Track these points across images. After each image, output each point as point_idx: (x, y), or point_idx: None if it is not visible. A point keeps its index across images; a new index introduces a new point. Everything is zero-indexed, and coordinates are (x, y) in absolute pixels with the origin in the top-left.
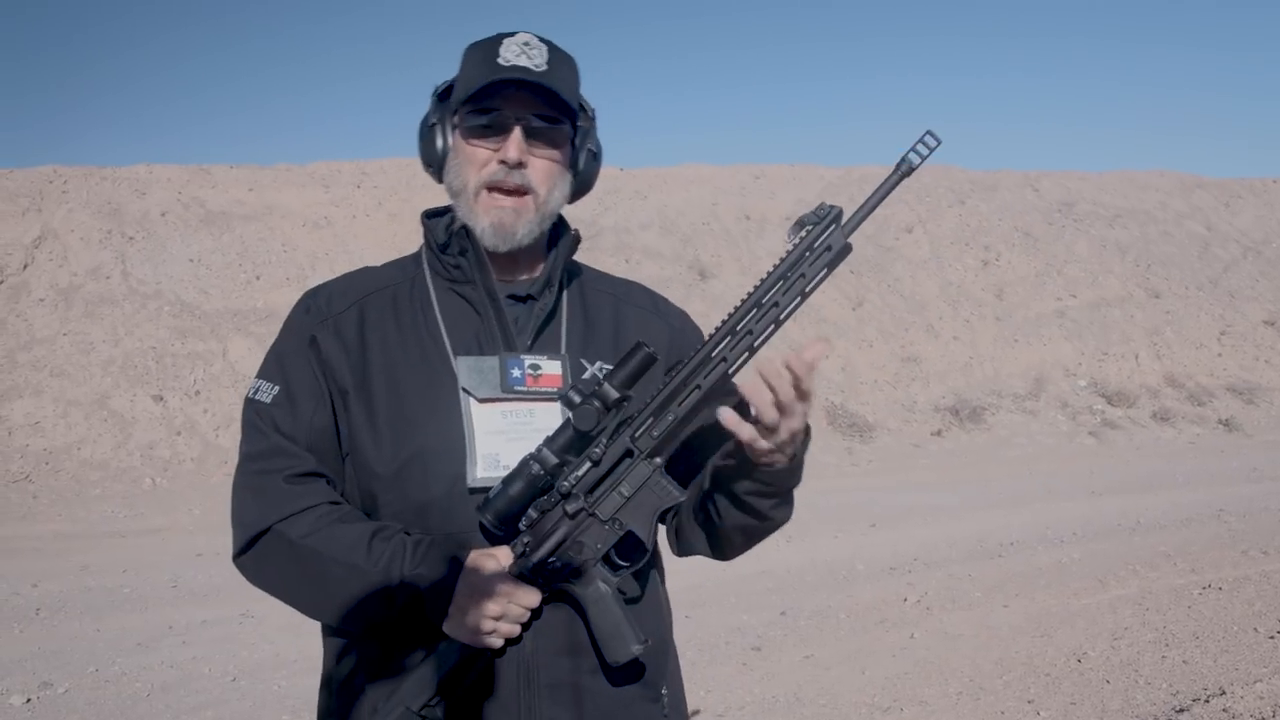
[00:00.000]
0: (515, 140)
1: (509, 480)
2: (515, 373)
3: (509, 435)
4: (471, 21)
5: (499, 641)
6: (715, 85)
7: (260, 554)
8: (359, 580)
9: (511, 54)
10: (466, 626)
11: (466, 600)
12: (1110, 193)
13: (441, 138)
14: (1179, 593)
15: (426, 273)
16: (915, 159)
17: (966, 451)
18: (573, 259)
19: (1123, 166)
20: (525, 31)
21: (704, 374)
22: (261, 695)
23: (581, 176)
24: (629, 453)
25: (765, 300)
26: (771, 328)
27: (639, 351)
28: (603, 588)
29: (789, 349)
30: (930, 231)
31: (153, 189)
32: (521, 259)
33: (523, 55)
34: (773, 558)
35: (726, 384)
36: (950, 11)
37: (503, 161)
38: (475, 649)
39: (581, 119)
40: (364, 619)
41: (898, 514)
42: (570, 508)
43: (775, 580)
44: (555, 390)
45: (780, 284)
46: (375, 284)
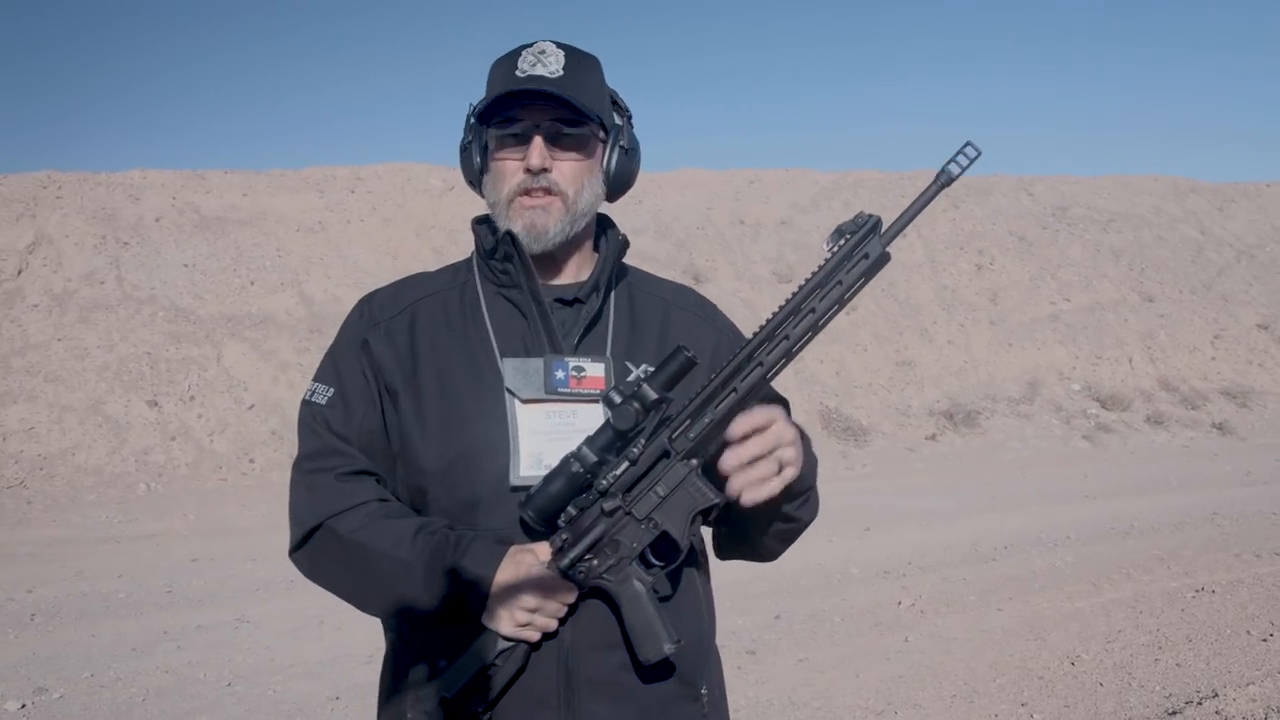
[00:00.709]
0: (536, 147)
1: (550, 478)
2: (559, 374)
3: (552, 435)
4: (468, 27)
5: (536, 635)
6: (709, 90)
7: (313, 548)
8: (403, 573)
9: (527, 64)
10: (505, 619)
11: (505, 594)
12: (1104, 197)
13: (478, 157)
14: (1172, 596)
15: (476, 278)
16: (955, 169)
17: (961, 455)
18: (622, 262)
19: (1117, 170)
20: (545, 40)
21: (741, 377)
22: (256, 700)
23: (616, 174)
24: (666, 453)
25: (803, 306)
26: (809, 334)
27: (679, 355)
28: (637, 586)
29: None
30: (924, 235)
31: (147, 194)
32: (567, 263)
33: (538, 64)
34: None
35: (763, 388)
36: (943, 16)
37: (527, 169)
38: (512, 641)
39: (617, 115)
40: (408, 611)
41: (892, 518)
42: (607, 506)
43: (770, 584)
44: (598, 392)
45: (818, 291)
46: (427, 289)
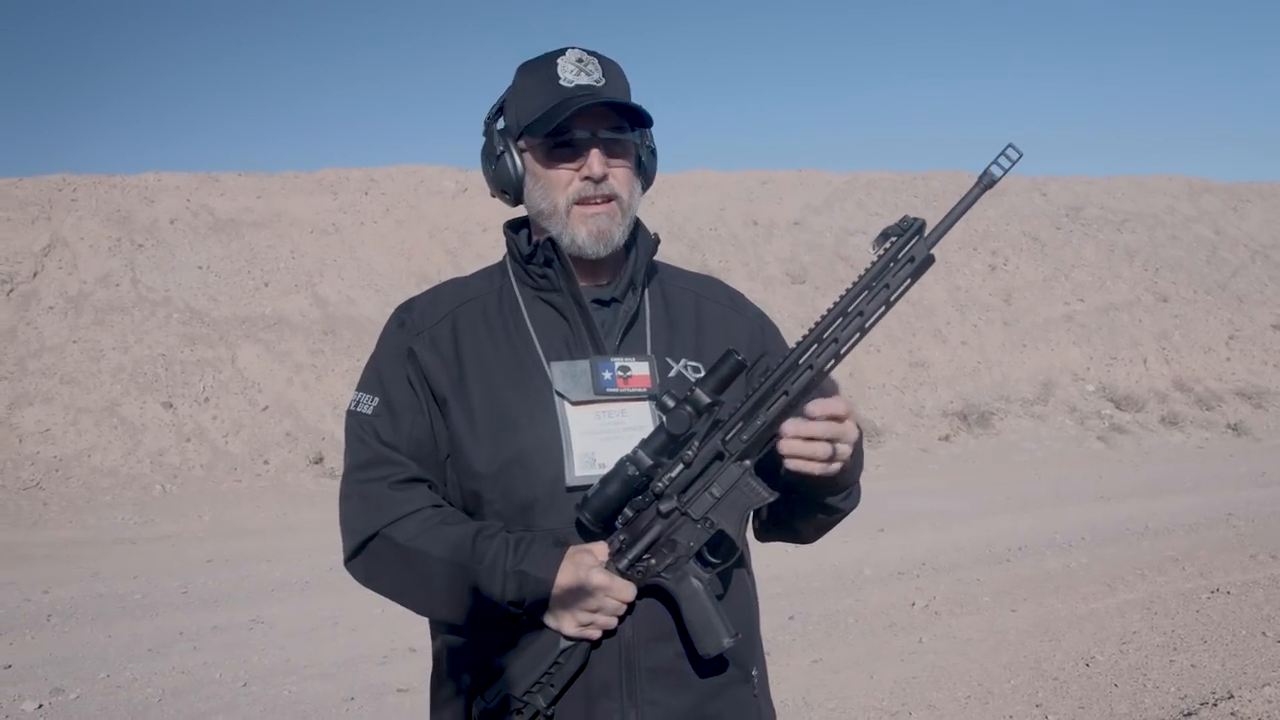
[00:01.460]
0: (597, 158)
1: (606, 480)
2: (606, 375)
3: (603, 435)
4: (481, 28)
5: (597, 633)
6: (722, 92)
7: (370, 557)
8: (465, 578)
9: (570, 73)
10: (567, 620)
11: (566, 594)
12: (1118, 197)
13: (512, 164)
14: (1187, 597)
15: (513, 283)
16: (997, 171)
17: (974, 456)
18: (651, 258)
19: (1130, 171)
20: (573, 47)
21: (792, 380)
22: (272, 700)
23: (646, 174)
24: (720, 455)
25: (851, 309)
26: (857, 335)
27: (729, 359)
28: (695, 584)
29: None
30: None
31: (161, 197)
32: (602, 264)
33: (581, 73)
34: (781, 563)
35: (814, 390)
36: (956, 16)
37: (587, 178)
38: (574, 640)
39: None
40: (470, 614)
41: (906, 519)
42: (664, 507)
43: (784, 585)
44: (645, 390)
45: (865, 293)
46: (464, 295)
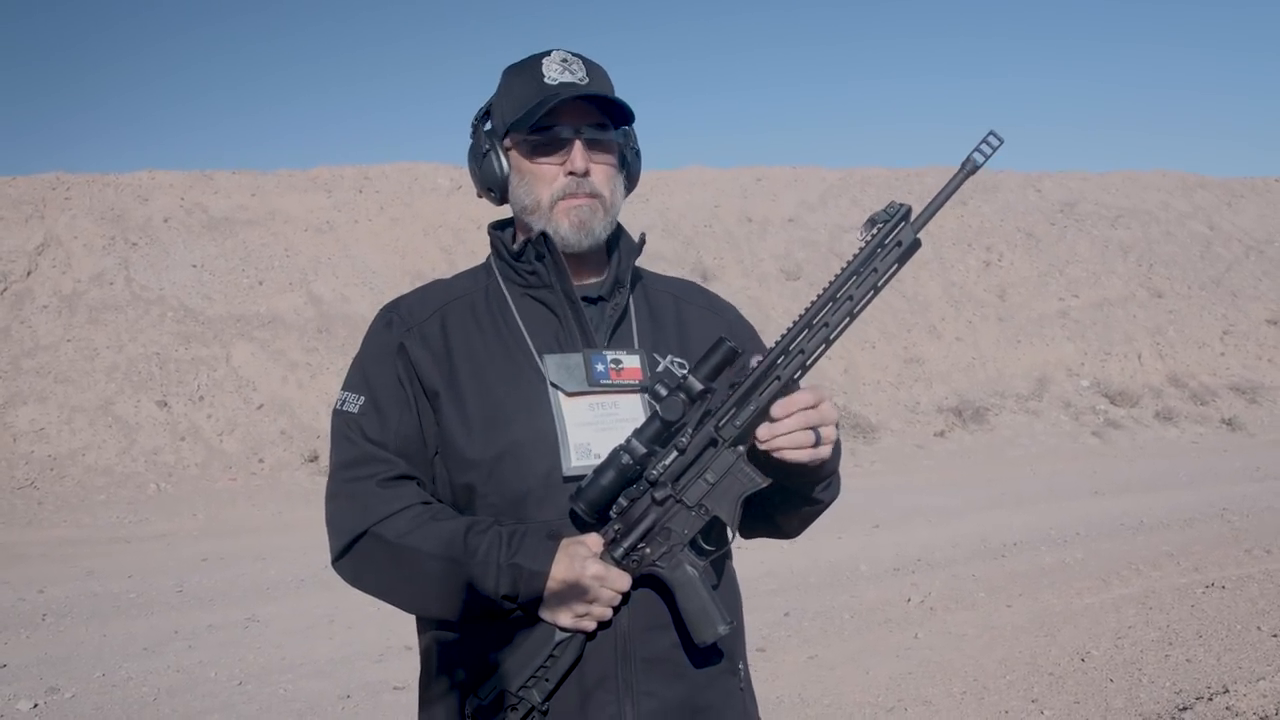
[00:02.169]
0: (580, 152)
1: (600, 470)
2: (599, 367)
3: (597, 426)
4: (473, 27)
5: (593, 625)
6: (716, 88)
7: (359, 556)
8: (458, 573)
9: (554, 72)
10: (563, 612)
11: (561, 587)
12: (1112, 193)
13: (498, 163)
14: (1182, 592)
15: (500, 281)
16: (979, 158)
17: (970, 452)
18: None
19: (1124, 166)
20: (557, 49)
21: (783, 365)
22: (268, 699)
23: (630, 174)
24: (713, 442)
25: (840, 295)
26: (846, 320)
27: (721, 346)
28: (690, 571)
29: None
30: (932, 232)
31: (155, 195)
32: (588, 263)
33: (565, 71)
34: (776, 559)
35: (804, 375)
36: (950, 13)
37: (571, 173)
38: (570, 632)
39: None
40: (464, 610)
41: (901, 515)
42: (658, 495)
43: (779, 581)
44: (636, 382)
45: (854, 279)
46: (451, 294)
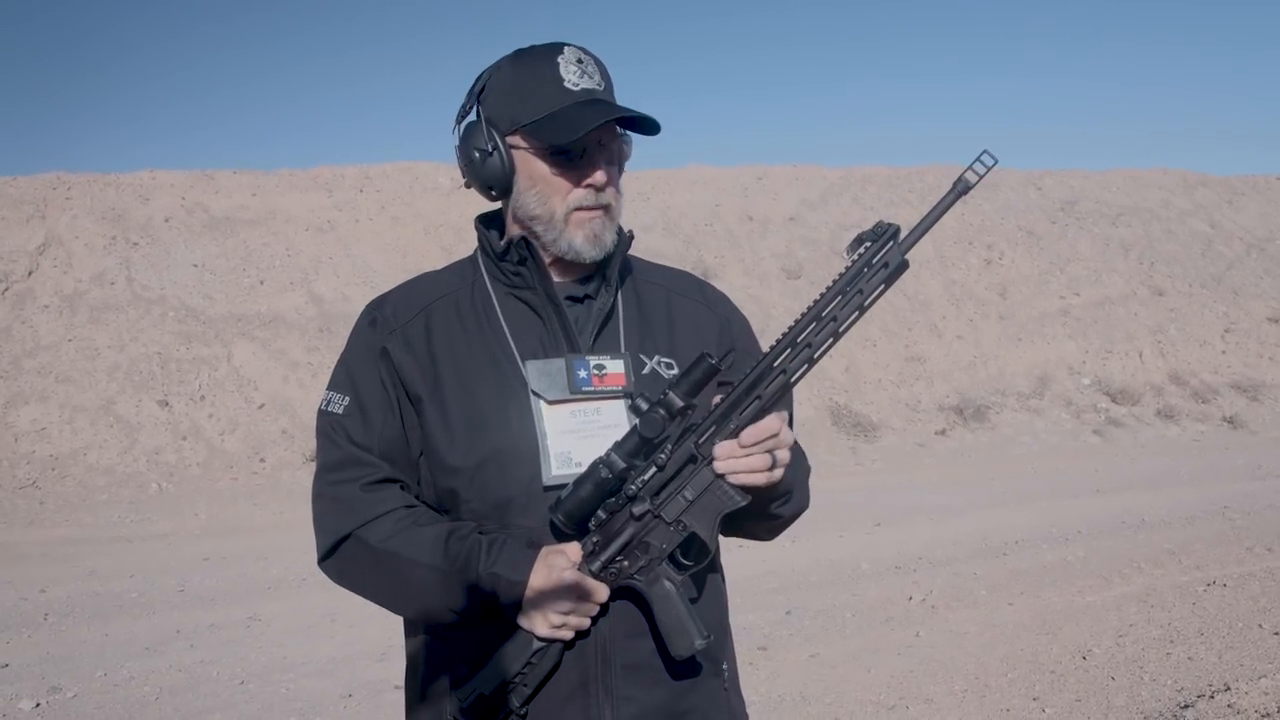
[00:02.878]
0: (606, 171)
1: (579, 482)
2: (581, 374)
3: (579, 433)
4: (474, 26)
5: (570, 634)
6: (717, 87)
7: (343, 558)
8: (438, 579)
9: (573, 75)
10: (540, 621)
11: (540, 595)
12: (1113, 191)
13: (502, 161)
14: (1184, 590)
15: (485, 278)
16: (972, 178)
17: (971, 450)
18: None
19: (1125, 164)
20: (569, 45)
21: (765, 385)
22: (269, 698)
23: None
24: (693, 458)
25: (825, 314)
26: (830, 340)
27: (703, 362)
28: (667, 586)
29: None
30: (933, 231)
31: (156, 195)
32: (573, 261)
33: (584, 76)
34: (777, 558)
35: (786, 394)
36: (951, 11)
37: (589, 186)
38: (547, 641)
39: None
40: (444, 614)
41: (902, 513)
42: (637, 510)
43: (780, 580)
44: (620, 388)
45: (839, 298)
46: (437, 291)
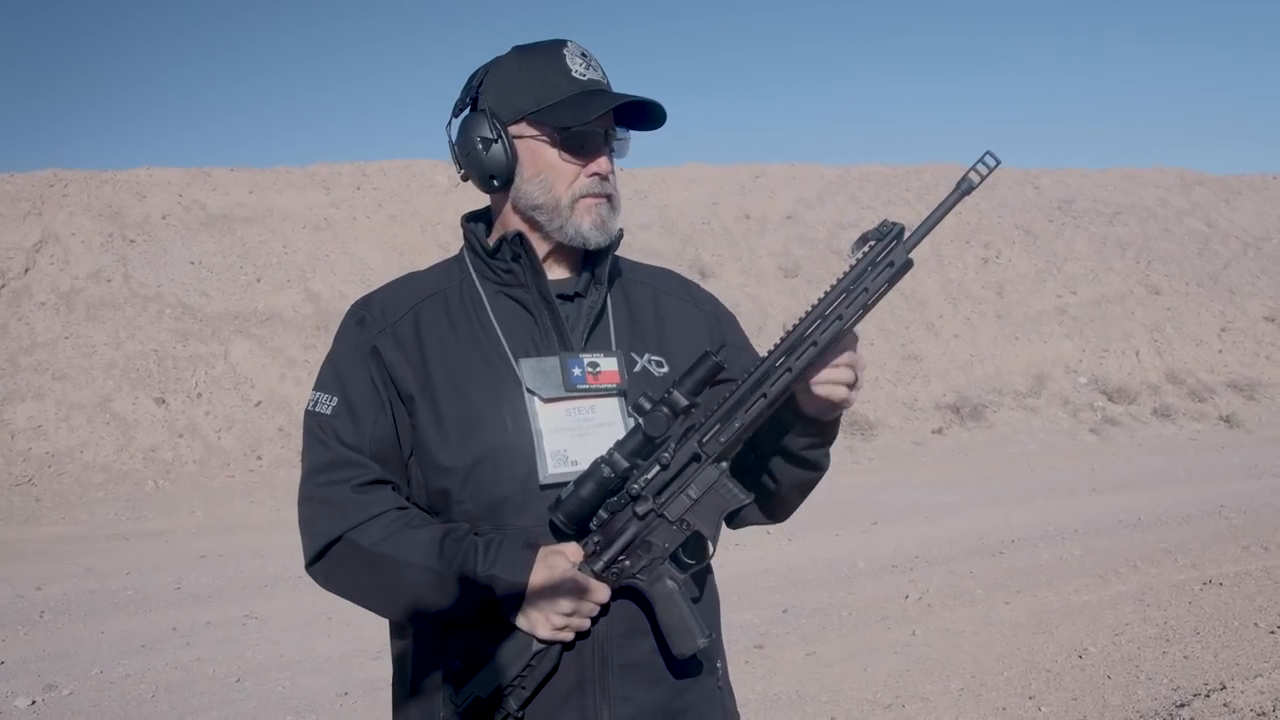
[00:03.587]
0: (610, 157)
1: (580, 482)
2: (576, 371)
3: (575, 431)
4: (471, 24)
5: (570, 636)
6: (714, 85)
7: (333, 561)
8: (433, 582)
9: (580, 67)
10: (541, 623)
11: (540, 597)
12: (1110, 190)
13: (506, 150)
14: (1180, 589)
15: (474, 277)
16: (975, 178)
17: (968, 449)
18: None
19: (1122, 163)
20: (570, 41)
21: (771, 382)
22: (265, 696)
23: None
24: (696, 457)
25: (829, 312)
26: (835, 339)
27: (706, 361)
28: (670, 585)
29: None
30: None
31: (153, 192)
32: (565, 260)
33: (589, 68)
34: (774, 556)
35: (790, 391)
36: (948, 10)
37: (596, 174)
38: (548, 643)
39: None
40: (439, 617)
41: (899, 512)
42: (640, 509)
43: (777, 578)
44: (614, 386)
45: (844, 297)
46: (425, 290)
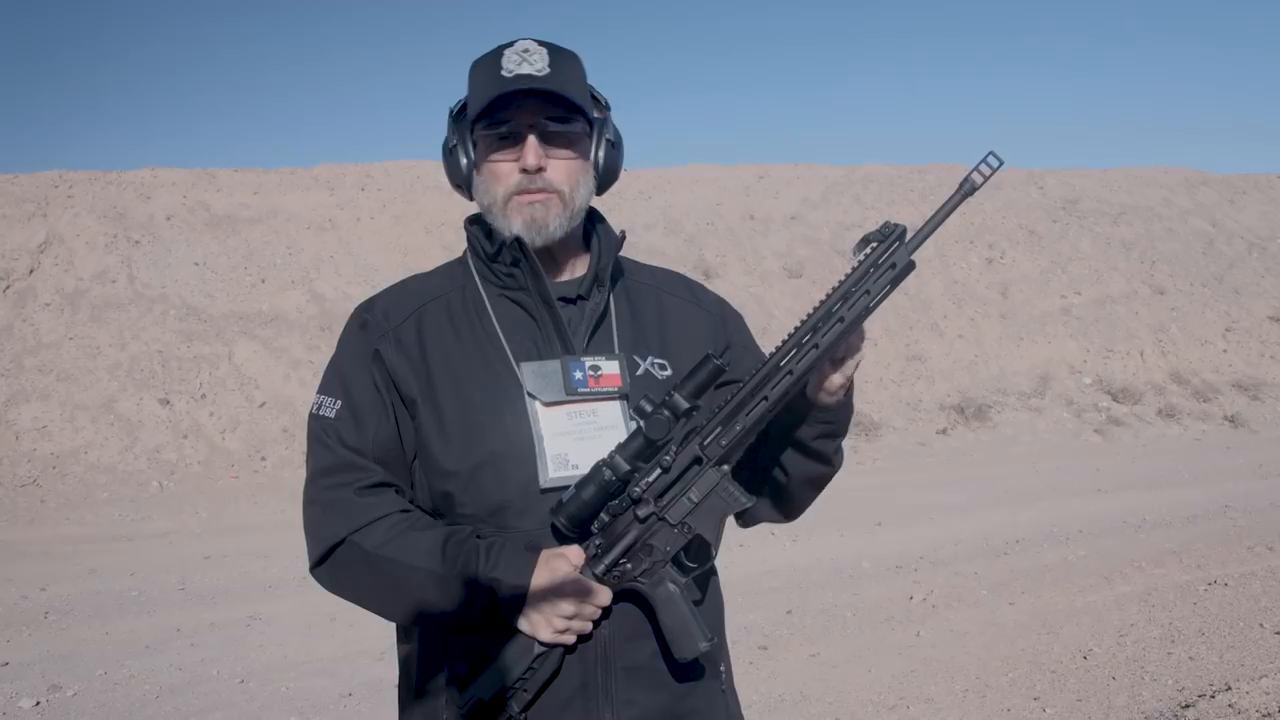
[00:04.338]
0: (531, 147)
1: (582, 485)
2: (577, 375)
3: (576, 435)
4: (475, 23)
5: (572, 639)
6: (718, 85)
7: (337, 564)
8: (436, 585)
9: (512, 64)
10: (542, 626)
11: (542, 601)
12: (1114, 190)
13: (465, 157)
14: (1185, 589)
15: (476, 280)
16: (978, 179)
17: (972, 449)
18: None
19: (1127, 163)
20: (525, 39)
21: (772, 385)
22: (269, 697)
23: (604, 168)
24: (698, 460)
25: (832, 314)
26: (837, 341)
27: (708, 364)
28: (671, 588)
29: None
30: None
31: (157, 193)
32: (565, 260)
33: (524, 63)
34: (779, 557)
35: (793, 394)
36: (952, 10)
37: (524, 170)
38: (549, 646)
39: (596, 110)
40: (442, 620)
41: (903, 512)
42: (641, 512)
43: (781, 579)
44: (616, 389)
45: (846, 299)
46: (428, 293)
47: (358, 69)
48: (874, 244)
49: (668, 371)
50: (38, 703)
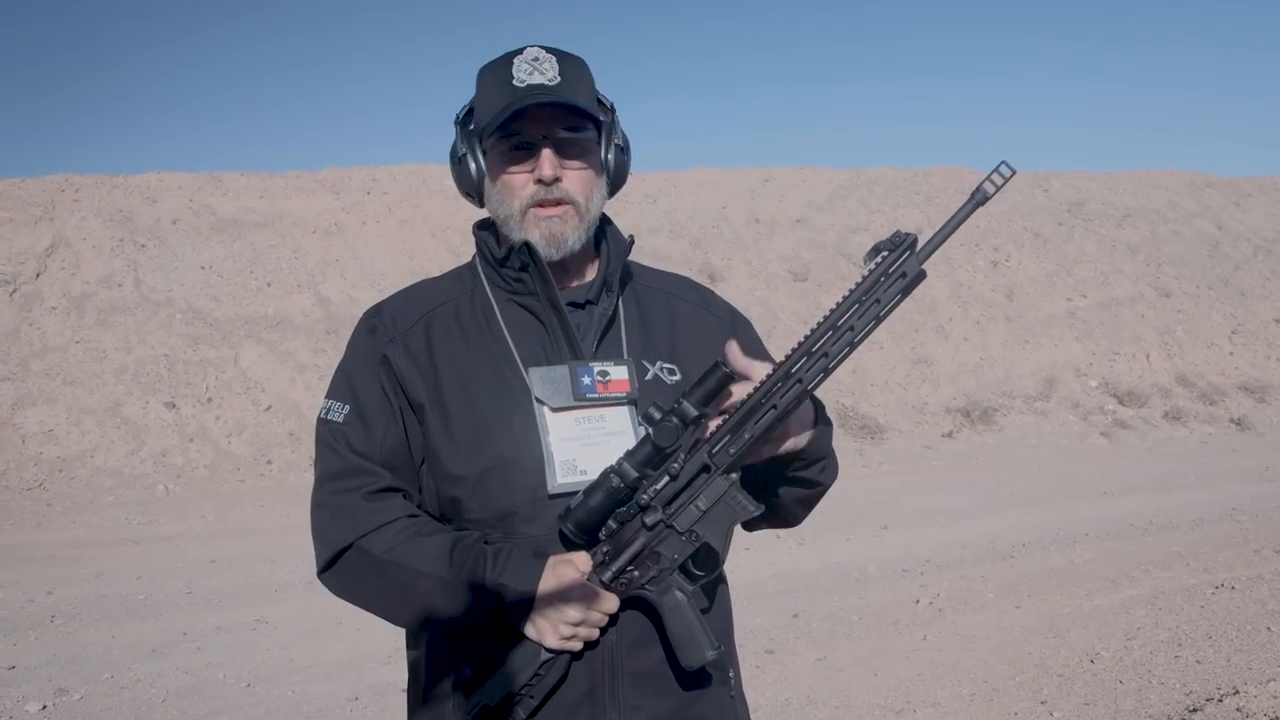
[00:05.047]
0: (548, 159)
1: (589, 492)
2: (586, 380)
3: (584, 441)
4: (481, 27)
5: (579, 645)
6: (723, 89)
7: (344, 569)
8: (443, 590)
9: (524, 73)
10: (549, 632)
11: (549, 607)
12: (1120, 192)
13: (475, 165)
14: (1192, 593)
15: (485, 285)
16: (990, 189)
17: (978, 453)
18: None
19: (1132, 166)
20: (533, 46)
21: (780, 394)
22: (276, 700)
23: (613, 173)
24: (706, 468)
25: (841, 323)
26: (846, 350)
27: (717, 371)
28: (679, 596)
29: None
30: None
31: (164, 197)
32: (573, 266)
33: (535, 72)
34: (785, 560)
35: (801, 403)
36: (957, 12)
37: (539, 181)
38: (556, 652)
39: (602, 115)
40: (449, 625)
41: (909, 516)
42: (649, 520)
43: (787, 583)
44: (624, 394)
45: (856, 308)
46: (436, 298)
47: (363, 73)
48: (885, 253)
49: (677, 376)
50: (44, 706)
